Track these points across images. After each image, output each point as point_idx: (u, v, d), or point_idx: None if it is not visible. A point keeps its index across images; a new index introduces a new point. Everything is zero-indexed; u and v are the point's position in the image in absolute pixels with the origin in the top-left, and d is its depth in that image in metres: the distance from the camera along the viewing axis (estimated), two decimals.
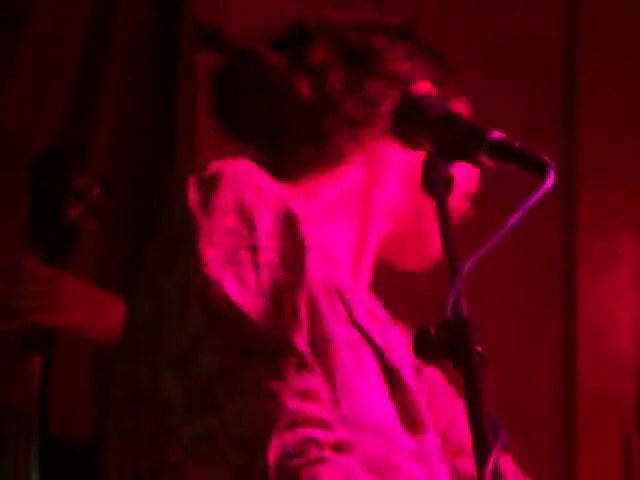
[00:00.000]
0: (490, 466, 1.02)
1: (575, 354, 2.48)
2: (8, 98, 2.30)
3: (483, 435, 1.04)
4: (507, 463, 1.46)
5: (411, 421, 1.33)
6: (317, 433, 1.16)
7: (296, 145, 1.38)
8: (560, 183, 1.17)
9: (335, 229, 1.39)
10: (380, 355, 1.34)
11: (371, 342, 1.33)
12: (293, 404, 1.16)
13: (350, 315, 1.31)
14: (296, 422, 1.16)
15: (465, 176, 1.36)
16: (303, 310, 1.22)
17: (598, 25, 2.80)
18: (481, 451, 1.04)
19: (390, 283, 1.39)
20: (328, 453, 1.15)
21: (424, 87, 1.37)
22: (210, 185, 1.22)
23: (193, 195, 1.22)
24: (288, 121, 1.36)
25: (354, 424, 1.24)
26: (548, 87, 2.73)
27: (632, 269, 2.66)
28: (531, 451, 1.51)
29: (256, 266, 1.20)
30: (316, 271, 1.26)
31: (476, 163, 1.21)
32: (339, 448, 1.16)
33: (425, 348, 1.08)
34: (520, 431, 1.34)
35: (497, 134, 1.19)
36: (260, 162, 1.28)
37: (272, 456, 1.14)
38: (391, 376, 1.33)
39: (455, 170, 1.19)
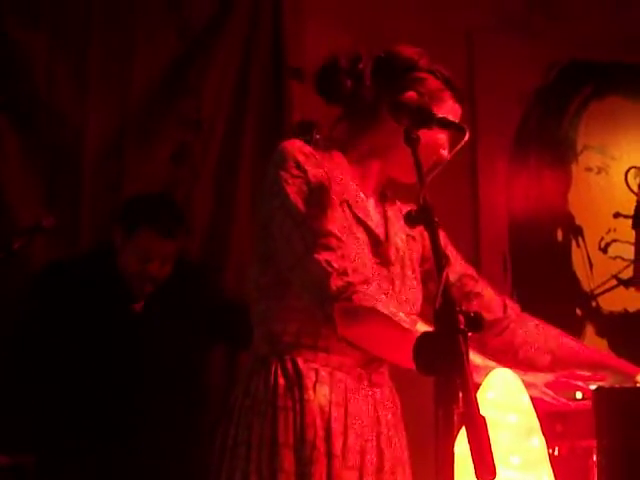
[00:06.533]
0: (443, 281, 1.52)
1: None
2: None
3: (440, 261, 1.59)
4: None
5: (384, 260, 2.04)
6: (352, 277, 1.86)
7: (355, 111, 2.11)
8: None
9: (355, 167, 2.09)
10: (368, 230, 2.04)
11: (363, 224, 2.03)
12: (337, 263, 1.87)
13: (351, 211, 2.02)
14: (340, 273, 1.87)
15: (431, 138, 2.02)
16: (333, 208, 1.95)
17: None
18: (440, 271, 1.55)
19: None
20: (360, 287, 1.86)
21: (412, 94, 2.02)
22: (280, 154, 1.99)
23: (277, 158, 2.00)
24: (350, 98, 2.10)
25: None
26: None
27: (504, 178, 4.06)
28: None
29: (310, 190, 1.95)
30: (334, 193, 1.97)
31: (430, 128, 1.88)
32: (366, 282, 1.89)
33: None
34: None
35: (440, 115, 1.90)
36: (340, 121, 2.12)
37: (333, 289, 1.85)
38: (376, 241, 2.05)
39: (421, 133, 1.81)
